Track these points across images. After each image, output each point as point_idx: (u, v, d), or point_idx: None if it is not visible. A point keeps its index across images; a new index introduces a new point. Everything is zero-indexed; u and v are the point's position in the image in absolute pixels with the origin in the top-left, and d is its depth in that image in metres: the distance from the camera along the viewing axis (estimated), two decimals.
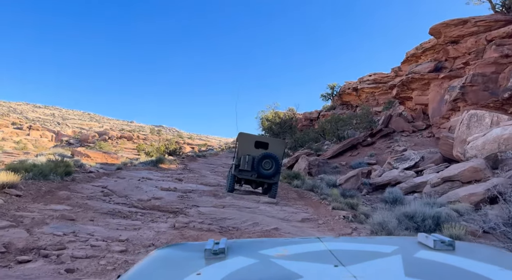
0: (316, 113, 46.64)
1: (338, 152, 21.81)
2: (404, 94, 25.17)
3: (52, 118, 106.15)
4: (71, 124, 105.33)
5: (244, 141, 11.30)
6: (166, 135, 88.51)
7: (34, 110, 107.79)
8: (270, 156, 10.79)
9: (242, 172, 10.97)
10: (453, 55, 22.41)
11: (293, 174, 16.01)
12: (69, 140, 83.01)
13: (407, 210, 8.45)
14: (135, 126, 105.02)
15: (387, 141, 22.77)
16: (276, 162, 10.82)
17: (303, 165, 18.37)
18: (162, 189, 10.59)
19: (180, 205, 8.93)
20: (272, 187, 11.06)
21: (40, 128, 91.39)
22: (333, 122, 28.20)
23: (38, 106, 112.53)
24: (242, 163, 10.86)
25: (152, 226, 7.16)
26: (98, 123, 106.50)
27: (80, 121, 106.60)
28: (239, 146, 11.36)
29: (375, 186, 15.06)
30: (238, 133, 11.62)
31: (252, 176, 10.98)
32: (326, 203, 10.55)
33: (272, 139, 12.18)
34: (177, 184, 12.61)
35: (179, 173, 16.99)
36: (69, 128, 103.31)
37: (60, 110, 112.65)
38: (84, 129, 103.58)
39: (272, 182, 11.04)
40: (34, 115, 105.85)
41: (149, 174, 15.18)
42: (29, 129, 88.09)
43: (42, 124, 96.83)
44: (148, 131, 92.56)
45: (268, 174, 10.78)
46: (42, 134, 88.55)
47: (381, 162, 19.53)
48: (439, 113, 21.72)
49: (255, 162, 10.71)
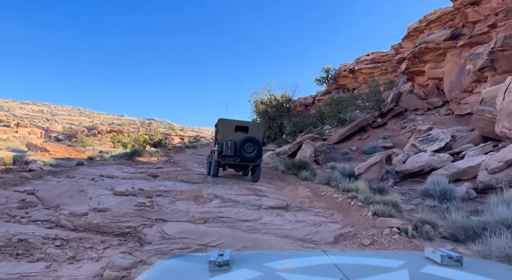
0: (311, 98, 43.15)
1: (345, 136, 18.29)
2: (415, 68, 21.60)
3: (40, 115, 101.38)
4: (61, 120, 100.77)
5: (224, 127, 11.01)
6: (157, 127, 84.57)
7: (22, 107, 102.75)
8: (252, 140, 10.62)
9: (226, 158, 10.72)
10: (472, 19, 18.84)
11: (299, 163, 12.42)
12: (57, 136, 78.83)
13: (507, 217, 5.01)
14: (126, 120, 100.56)
15: (399, 121, 19.28)
16: (257, 145, 10.68)
17: (308, 152, 14.84)
18: (116, 194, 6.95)
19: (135, 221, 5.33)
20: (256, 169, 10.93)
21: (28, 125, 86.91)
22: (333, 105, 24.66)
23: (26, 102, 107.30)
24: (225, 149, 10.57)
25: (63, 274, 3.60)
26: (88, 118, 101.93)
27: (70, 116, 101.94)
28: (220, 132, 11.03)
29: (403, 174, 11.57)
30: (218, 119, 11.24)
31: (235, 160, 10.78)
32: (358, 204, 7.01)
33: (251, 123, 11.78)
34: (147, 183, 8.98)
35: (157, 167, 13.34)
36: (59, 124, 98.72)
37: (49, 106, 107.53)
38: (74, 124, 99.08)
39: (255, 164, 10.89)
40: (22, 112, 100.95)
41: (116, 170, 11.54)
42: (17, 126, 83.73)
43: (30, 121, 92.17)
44: (139, 124, 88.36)
45: (251, 157, 10.63)
46: (30, 131, 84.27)
47: (399, 145, 16.06)
48: (459, 87, 18.23)
49: (238, 147, 10.51)
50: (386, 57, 36.41)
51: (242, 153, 10.52)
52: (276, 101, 23.27)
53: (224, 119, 11.14)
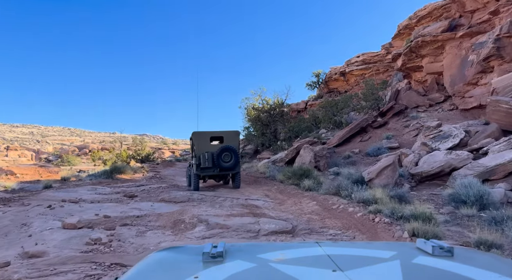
0: (303, 103, 41.74)
1: (345, 138, 16.68)
2: (411, 63, 20.16)
3: (31, 137, 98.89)
4: (52, 140, 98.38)
5: (199, 139, 10.77)
6: (149, 142, 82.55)
7: (12, 130, 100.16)
8: (228, 148, 10.47)
9: (205, 170, 10.43)
10: (470, 8, 17.52)
11: (300, 171, 10.68)
12: (48, 157, 76.50)
13: None
14: (117, 137, 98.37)
15: (401, 119, 17.75)
16: (234, 153, 10.52)
17: (307, 158, 13.17)
18: (66, 227, 5.17)
19: (77, 271, 3.58)
20: (236, 176, 10.86)
21: (18, 147, 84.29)
22: (328, 108, 23.10)
23: (16, 125, 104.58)
24: (202, 161, 10.29)
25: None
26: (79, 138, 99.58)
27: (61, 137, 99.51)
28: (196, 145, 10.79)
29: (420, 177, 9.94)
30: (192, 133, 11.00)
31: (214, 171, 10.55)
32: (385, 220, 5.33)
33: (225, 132, 11.20)
34: (119, 206, 7.22)
35: (139, 185, 11.57)
36: (50, 145, 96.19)
37: (39, 128, 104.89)
38: (65, 144, 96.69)
39: (235, 172, 10.78)
40: (12, 135, 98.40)
41: (88, 191, 9.76)
42: (7, 150, 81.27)
43: (20, 143, 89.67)
44: (131, 140, 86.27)
45: (229, 166, 10.46)
46: (20, 154, 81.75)
47: (405, 144, 14.48)
48: (462, 80, 16.79)
49: (215, 157, 10.31)
50: (377, 58, 35.14)
51: (220, 162, 10.31)
52: (269, 105, 21.60)
53: (198, 132, 10.92)
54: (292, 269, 0.98)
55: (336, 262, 1.05)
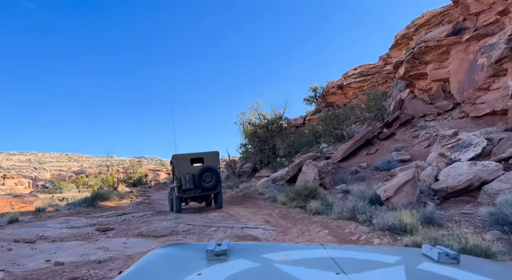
0: (301, 118, 40.65)
1: (350, 152, 15.24)
2: (415, 71, 18.96)
3: (28, 164, 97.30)
4: (49, 167, 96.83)
5: (179, 162, 10.54)
6: (147, 165, 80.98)
7: (9, 158, 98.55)
8: (208, 169, 10.34)
9: (186, 191, 10.22)
10: (475, 11, 16.44)
11: (305, 191, 9.09)
12: (44, 184, 74.81)
13: None
14: (115, 160, 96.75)
15: (409, 129, 16.37)
16: (215, 173, 10.41)
17: (311, 175, 11.70)
18: None
19: None
20: (217, 197, 10.68)
21: (15, 175, 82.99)
22: (328, 120, 21.75)
23: (13, 153, 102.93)
24: (183, 183, 10.07)
25: None
26: (77, 163, 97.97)
27: (58, 163, 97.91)
28: (177, 168, 10.51)
29: (444, 193, 8.46)
30: (172, 156, 10.73)
31: (196, 192, 10.33)
32: None
33: (205, 153, 10.90)
34: (83, 245, 5.72)
35: (121, 213, 10.06)
36: (47, 172, 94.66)
37: (36, 155, 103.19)
38: (63, 170, 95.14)
39: (216, 192, 10.60)
40: (9, 163, 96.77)
41: (59, 224, 8.25)
42: (4, 179, 79.84)
43: (17, 171, 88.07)
44: (129, 163, 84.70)
45: (210, 186, 10.29)
46: (17, 182, 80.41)
47: (417, 156, 13.04)
48: (472, 85, 15.52)
49: (196, 179, 10.14)
50: (374, 69, 34.11)
51: (202, 183, 10.17)
52: (266, 120, 20.18)
53: (178, 154, 10.72)
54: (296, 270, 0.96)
55: (340, 265, 1.03)
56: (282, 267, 0.98)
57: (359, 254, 1.17)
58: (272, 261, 1.03)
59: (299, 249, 1.19)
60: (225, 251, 1.04)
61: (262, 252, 1.11)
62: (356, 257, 1.14)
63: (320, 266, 1.02)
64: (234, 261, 1.02)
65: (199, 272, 0.91)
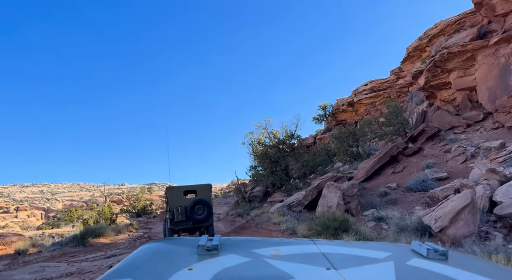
0: (311, 138, 38.90)
1: (373, 171, 13.36)
2: (437, 80, 17.21)
3: (41, 196, 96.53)
4: (61, 197, 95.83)
5: (173, 194, 10.27)
6: (158, 191, 79.29)
7: (22, 190, 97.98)
8: (200, 201, 10.10)
9: (178, 223, 10.03)
10: (502, 11, 14.83)
11: (335, 223, 7.03)
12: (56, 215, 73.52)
13: None
14: (126, 188, 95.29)
15: (437, 143, 14.47)
16: (207, 205, 10.18)
17: (334, 199, 9.84)
18: None
19: None
20: (209, 229, 10.44)
21: (28, 207, 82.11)
22: (343, 138, 19.92)
23: (26, 185, 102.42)
24: (176, 215, 9.91)
25: None
26: (88, 192, 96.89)
27: (70, 193, 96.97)
28: (170, 200, 10.24)
29: (511, 221, 6.55)
30: (166, 188, 10.61)
31: (188, 224, 10.12)
32: None
33: (198, 185, 10.65)
34: None
35: (111, 255, 8.31)
36: (59, 202, 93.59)
37: (49, 186, 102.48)
38: (75, 200, 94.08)
39: (208, 224, 10.36)
40: (21, 196, 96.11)
41: (29, 275, 6.52)
42: (16, 211, 78.91)
43: (30, 203, 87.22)
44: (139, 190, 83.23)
45: (202, 218, 10.07)
46: (30, 214, 79.37)
47: (455, 173, 11.11)
48: (506, 92, 13.72)
49: (188, 211, 9.97)
50: (386, 84, 32.50)
51: (193, 215, 10.04)
52: (277, 139, 18.40)
53: (172, 187, 10.71)
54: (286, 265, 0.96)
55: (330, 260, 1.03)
56: (273, 262, 0.97)
57: (349, 250, 1.17)
58: (263, 256, 1.02)
59: (290, 245, 1.19)
60: (217, 246, 1.03)
61: (253, 247, 1.11)
62: (346, 252, 1.13)
63: (311, 261, 1.01)
64: (225, 256, 1.00)
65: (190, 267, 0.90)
